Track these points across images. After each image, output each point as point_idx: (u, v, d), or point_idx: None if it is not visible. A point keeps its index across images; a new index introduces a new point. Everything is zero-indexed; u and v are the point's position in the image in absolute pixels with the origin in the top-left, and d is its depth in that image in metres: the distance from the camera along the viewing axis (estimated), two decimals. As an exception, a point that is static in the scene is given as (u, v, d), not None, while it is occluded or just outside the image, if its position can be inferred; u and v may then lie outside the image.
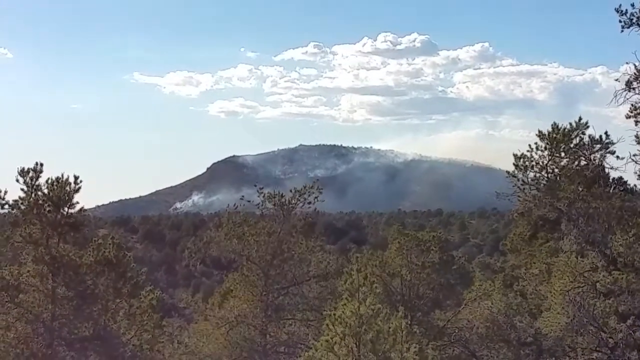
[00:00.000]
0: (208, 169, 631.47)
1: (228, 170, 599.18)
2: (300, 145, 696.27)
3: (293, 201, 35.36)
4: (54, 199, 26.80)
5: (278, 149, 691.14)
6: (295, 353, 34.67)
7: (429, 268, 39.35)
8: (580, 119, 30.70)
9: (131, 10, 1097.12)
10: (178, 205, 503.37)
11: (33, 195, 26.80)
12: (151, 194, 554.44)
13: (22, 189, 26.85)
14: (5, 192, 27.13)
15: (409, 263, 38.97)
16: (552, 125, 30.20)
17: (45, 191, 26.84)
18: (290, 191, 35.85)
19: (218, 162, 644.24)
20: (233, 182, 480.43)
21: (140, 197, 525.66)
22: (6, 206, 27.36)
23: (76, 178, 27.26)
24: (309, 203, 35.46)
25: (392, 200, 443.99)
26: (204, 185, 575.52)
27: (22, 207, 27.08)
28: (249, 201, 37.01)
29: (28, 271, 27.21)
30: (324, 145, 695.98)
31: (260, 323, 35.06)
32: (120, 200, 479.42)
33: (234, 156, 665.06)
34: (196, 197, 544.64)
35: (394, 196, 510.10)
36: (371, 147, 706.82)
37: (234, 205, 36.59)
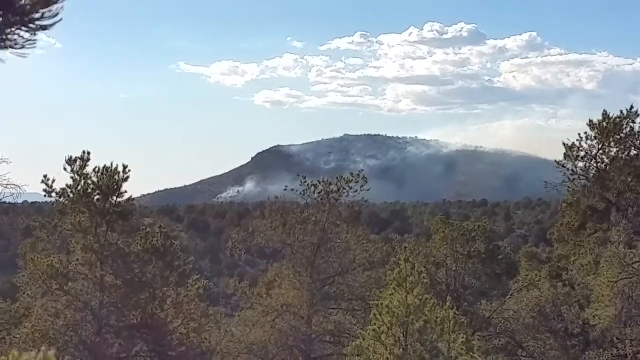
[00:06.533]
0: (253, 158, 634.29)
1: (273, 160, 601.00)
2: (346, 135, 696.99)
3: (338, 190, 35.28)
4: (103, 188, 26.98)
5: (323, 139, 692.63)
6: (340, 342, 34.68)
7: (474, 258, 39.17)
8: (632, 107, 30.07)
9: (178, 0, 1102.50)
10: (228, 193, 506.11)
11: (82, 183, 26.98)
12: (196, 183, 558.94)
13: (71, 177, 27.04)
14: (53, 181, 27.40)
15: (454, 253, 38.83)
16: (602, 114, 29.64)
17: (95, 180, 27.00)
18: (337, 178, 35.78)
19: (263, 151, 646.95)
20: (280, 172, 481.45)
21: (185, 186, 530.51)
22: (53, 194, 27.61)
23: (125, 167, 27.42)
24: (355, 192, 35.37)
25: (446, 190, 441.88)
26: (251, 174, 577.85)
27: (71, 195, 27.29)
28: (292, 190, 37.01)
29: (77, 259, 27.50)
30: (368, 135, 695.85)
31: (306, 312, 35.10)
32: (166, 189, 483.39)
33: (278, 146, 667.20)
34: (243, 187, 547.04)
35: (448, 187, 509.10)
36: (416, 137, 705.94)
37: (283, 195, 36.67)
